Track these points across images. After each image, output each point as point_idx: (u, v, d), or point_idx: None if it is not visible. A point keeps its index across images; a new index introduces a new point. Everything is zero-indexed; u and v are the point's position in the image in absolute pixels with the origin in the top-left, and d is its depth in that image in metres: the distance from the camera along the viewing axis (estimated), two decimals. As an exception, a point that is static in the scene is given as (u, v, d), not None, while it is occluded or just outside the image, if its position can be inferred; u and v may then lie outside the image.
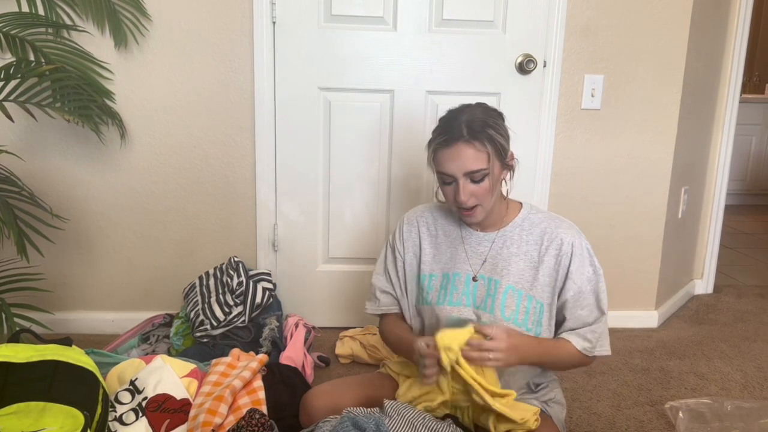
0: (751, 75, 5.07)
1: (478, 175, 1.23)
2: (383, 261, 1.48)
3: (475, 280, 1.33)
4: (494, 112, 1.29)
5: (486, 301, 1.30)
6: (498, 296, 1.29)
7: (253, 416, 1.32)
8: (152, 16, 2.04)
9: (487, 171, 1.24)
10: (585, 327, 1.31)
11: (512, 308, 1.28)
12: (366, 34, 2.11)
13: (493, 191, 1.27)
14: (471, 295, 1.32)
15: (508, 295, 1.29)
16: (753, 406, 1.69)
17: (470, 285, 1.33)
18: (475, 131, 1.22)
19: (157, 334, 2.03)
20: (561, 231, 1.31)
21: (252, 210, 2.21)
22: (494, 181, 1.26)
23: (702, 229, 2.80)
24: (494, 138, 1.24)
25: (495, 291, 1.30)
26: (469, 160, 1.22)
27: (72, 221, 2.15)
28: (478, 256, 1.34)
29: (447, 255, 1.37)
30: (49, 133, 2.09)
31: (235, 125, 2.15)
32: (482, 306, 1.31)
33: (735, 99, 2.65)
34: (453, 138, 1.23)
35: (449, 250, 1.38)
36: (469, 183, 1.24)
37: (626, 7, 2.15)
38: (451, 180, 1.26)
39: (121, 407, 1.38)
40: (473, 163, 1.22)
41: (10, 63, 1.75)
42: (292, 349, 1.90)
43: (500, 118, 1.29)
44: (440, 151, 1.25)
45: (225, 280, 2.03)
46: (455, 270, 1.35)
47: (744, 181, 4.94)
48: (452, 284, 1.34)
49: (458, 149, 1.22)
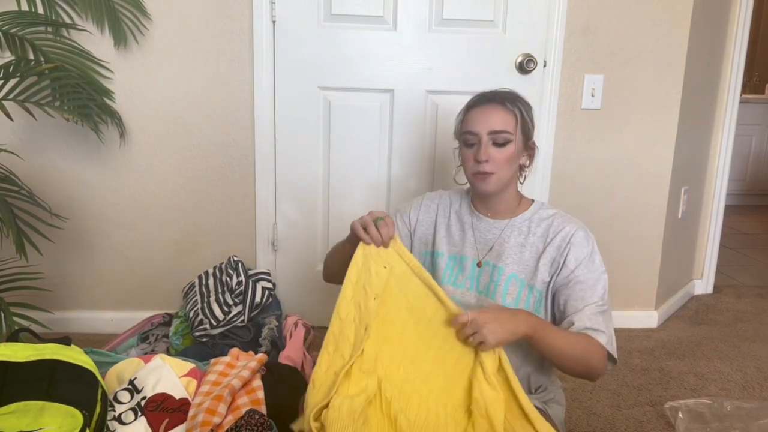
0: (751, 75, 5.07)
1: (501, 138, 1.28)
2: None
3: (480, 265, 1.34)
4: (527, 101, 1.38)
5: (489, 286, 1.32)
6: (501, 283, 1.31)
7: (252, 416, 1.31)
8: (152, 15, 2.04)
9: (512, 136, 1.29)
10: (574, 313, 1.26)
11: (513, 296, 1.30)
12: (366, 33, 2.11)
13: (511, 164, 1.31)
14: (475, 280, 1.34)
15: (510, 282, 1.31)
16: (752, 406, 1.69)
17: (475, 270, 1.35)
18: (508, 100, 1.31)
19: (156, 334, 2.03)
20: (567, 225, 1.32)
21: (251, 209, 2.21)
22: (515, 153, 1.30)
23: (702, 230, 2.80)
24: (523, 111, 1.32)
25: (498, 277, 1.32)
26: (497, 119, 1.29)
27: (71, 220, 2.14)
28: (486, 242, 1.36)
29: (456, 238, 1.40)
30: (49, 132, 2.09)
31: (234, 124, 2.14)
32: (485, 291, 1.32)
33: (735, 99, 2.65)
34: (486, 98, 1.33)
35: (458, 233, 1.40)
36: (491, 145, 1.29)
37: (626, 6, 2.15)
38: (475, 141, 1.30)
39: (120, 406, 1.37)
40: (500, 123, 1.29)
41: (10, 62, 1.75)
42: (291, 348, 1.89)
43: (530, 108, 1.37)
44: (471, 110, 1.33)
45: (224, 279, 2.03)
46: (463, 254, 1.37)
47: (744, 182, 4.94)
48: (459, 267, 1.37)
49: (489, 108, 1.31)
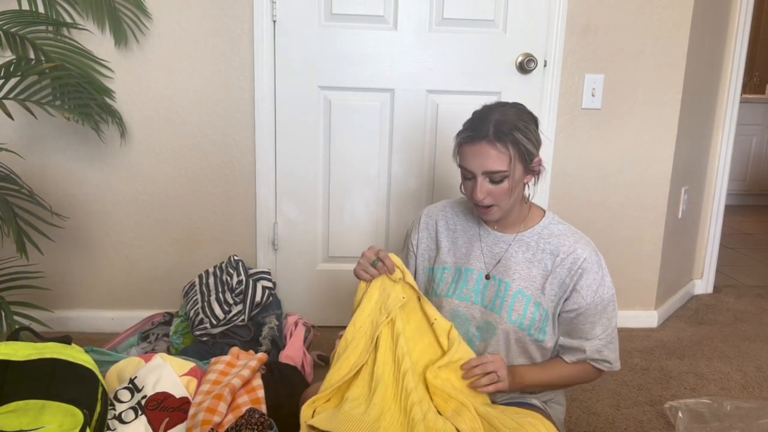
0: (751, 75, 5.07)
1: (497, 176, 1.23)
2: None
3: (488, 278, 1.33)
4: (528, 115, 1.28)
5: (495, 301, 1.30)
6: (507, 299, 1.29)
7: (253, 415, 1.32)
8: (152, 15, 2.04)
9: (507, 173, 1.23)
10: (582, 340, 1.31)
11: (519, 312, 1.28)
12: (366, 33, 2.11)
13: (512, 194, 1.27)
14: (480, 293, 1.32)
15: (516, 299, 1.29)
16: (752, 406, 1.70)
17: (481, 283, 1.33)
18: (502, 133, 1.21)
19: (157, 333, 2.03)
20: (579, 246, 1.29)
21: (252, 209, 2.21)
22: (514, 185, 1.25)
23: (702, 229, 2.80)
24: (520, 142, 1.23)
25: (504, 293, 1.30)
26: (490, 160, 1.22)
27: (72, 219, 2.14)
28: (493, 255, 1.34)
29: (462, 250, 1.38)
30: (49, 132, 2.09)
31: (235, 124, 2.15)
32: (490, 306, 1.31)
33: (735, 99, 2.65)
34: (478, 135, 1.23)
35: (465, 245, 1.38)
36: (487, 182, 1.25)
37: (627, 6, 2.15)
38: (471, 176, 1.26)
39: (121, 405, 1.38)
40: (493, 164, 1.22)
41: (10, 61, 1.75)
42: (291, 347, 1.90)
43: (533, 123, 1.28)
44: (464, 146, 1.26)
45: (225, 278, 2.03)
46: (468, 266, 1.35)
47: (744, 181, 4.94)
48: (464, 279, 1.34)
49: (481, 147, 1.22)
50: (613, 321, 1.32)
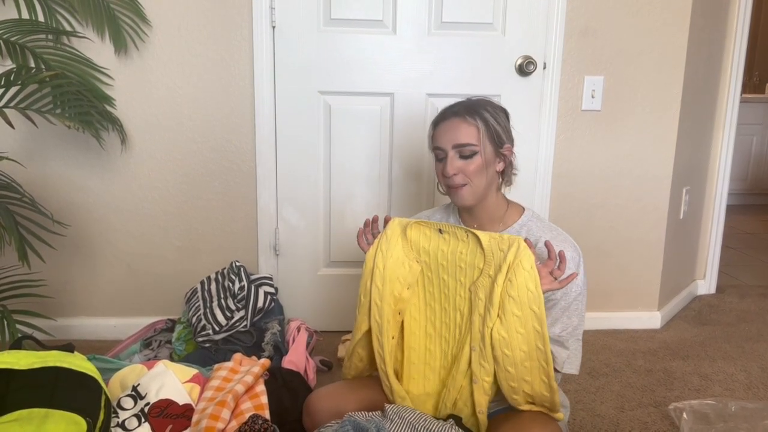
0: (751, 75, 5.07)
1: (466, 150, 1.29)
2: None
3: None
4: (498, 106, 1.36)
5: None
6: None
7: (256, 421, 1.32)
8: (152, 22, 2.04)
9: (477, 148, 1.29)
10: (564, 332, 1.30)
11: None
12: (365, 37, 2.11)
13: (484, 174, 1.30)
14: None
15: None
16: (757, 406, 1.69)
17: None
18: (471, 110, 1.31)
19: (159, 340, 2.03)
20: (558, 243, 1.29)
21: (253, 214, 2.21)
22: (485, 163, 1.30)
23: (704, 230, 2.79)
24: (488, 120, 1.30)
25: None
26: (460, 133, 1.29)
27: (73, 227, 2.15)
28: None
29: None
30: (50, 140, 2.10)
31: (235, 130, 2.15)
32: None
33: (735, 99, 2.65)
34: (448, 113, 1.33)
35: None
36: (457, 158, 1.30)
37: (626, 8, 2.15)
38: (443, 156, 1.32)
39: (124, 413, 1.37)
40: (463, 136, 1.29)
41: (11, 70, 1.75)
42: (294, 353, 1.89)
43: (502, 113, 1.35)
44: (437, 126, 1.35)
45: (226, 284, 2.03)
46: None
47: (745, 181, 4.93)
48: None
49: (451, 123, 1.31)
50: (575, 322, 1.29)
